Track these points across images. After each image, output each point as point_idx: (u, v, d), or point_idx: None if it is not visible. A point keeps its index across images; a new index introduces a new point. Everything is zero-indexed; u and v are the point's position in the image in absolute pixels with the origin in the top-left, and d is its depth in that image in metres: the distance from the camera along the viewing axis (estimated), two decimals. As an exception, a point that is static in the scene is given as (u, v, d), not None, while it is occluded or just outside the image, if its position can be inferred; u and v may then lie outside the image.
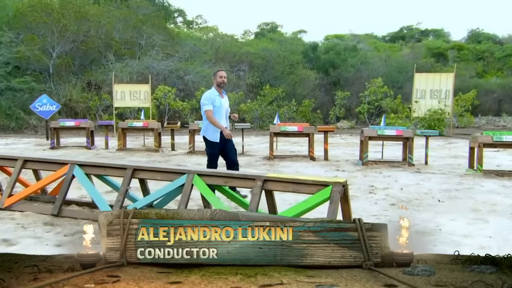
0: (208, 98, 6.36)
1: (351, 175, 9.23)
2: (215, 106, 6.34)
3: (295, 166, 10.40)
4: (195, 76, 28.64)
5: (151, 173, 5.69)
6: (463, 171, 9.73)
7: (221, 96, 6.49)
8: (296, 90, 34.21)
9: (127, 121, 13.57)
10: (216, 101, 6.36)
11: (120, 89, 18.67)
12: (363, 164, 10.54)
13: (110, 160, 10.81)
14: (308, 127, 11.58)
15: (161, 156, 12.03)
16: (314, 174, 9.15)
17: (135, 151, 13.22)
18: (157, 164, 7.22)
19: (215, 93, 6.39)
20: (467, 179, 8.84)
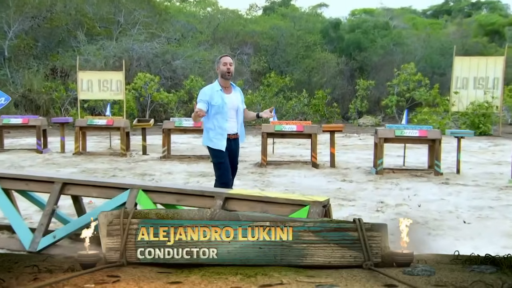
0: (204, 94, 5.97)
1: (359, 187, 9.14)
2: (213, 106, 5.91)
3: (292, 175, 10.37)
4: (185, 61, 28.65)
5: (85, 189, 5.50)
6: (505, 183, 9.50)
7: (226, 91, 6.03)
8: (312, 77, 34.14)
9: (87, 117, 13.46)
10: (216, 99, 5.91)
11: (86, 78, 18.63)
12: (377, 172, 10.42)
13: (54, 167, 10.76)
14: (309, 126, 11.47)
15: (126, 162, 12.01)
16: (312, 186, 9.09)
17: (96, 155, 13.24)
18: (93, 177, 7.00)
19: (216, 87, 5.97)
20: (508, 193, 8.62)
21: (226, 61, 5.99)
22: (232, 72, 5.96)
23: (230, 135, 5.99)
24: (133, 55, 27.92)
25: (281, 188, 8.78)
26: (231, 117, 5.97)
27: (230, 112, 5.96)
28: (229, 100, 5.97)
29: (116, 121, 13.23)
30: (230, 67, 5.96)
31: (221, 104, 5.89)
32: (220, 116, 5.91)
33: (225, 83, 6.01)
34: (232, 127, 5.99)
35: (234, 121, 6.01)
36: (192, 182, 9.30)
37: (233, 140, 6.03)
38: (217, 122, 5.92)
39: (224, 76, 5.96)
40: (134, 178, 9.70)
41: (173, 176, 9.95)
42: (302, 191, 8.38)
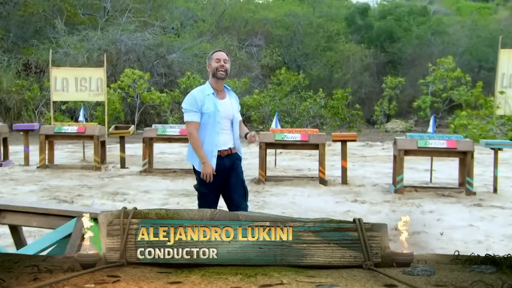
0: (192, 100, 5.59)
1: (372, 209, 9.06)
2: (204, 114, 5.55)
3: (293, 193, 10.31)
4: (183, 55, 28.73)
5: (24, 217, 5.42)
6: (553, 205, 9.36)
7: (220, 95, 5.67)
8: (334, 74, 34.10)
9: (54, 124, 13.46)
10: (207, 105, 5.55)
11: (60, 75, 18.58)
12: (396, 191, 10.34)
13: (11, 185, 10.74)
14: (316, 135, 11.42)
15: (99, 178, 12.01)
16: (314, 208, 9.00)
17: (65, 169, 13.26)
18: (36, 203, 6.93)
19: (207, 90, 5.61)
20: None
21: (220, 57, 5.63)
22: (227, 70, 5.61)
23: (222, 151, 5.60)
24: (121, 47, 28.02)
25: (277, 210, 8.68)
26: (224, 129, 5.61)
27: (224, 122, 5.60)
28: (223, 107, 5.60)
29: (89, 129, 13.20)
30: (224, 64, 5.60)
31: (213, 111, 5.53)
32: (211, 127, 5.55)
33: (218, 85, 5.64)
34: (225, 141, 5.62)
35: (228, 134, 5.65)
36: (171, 203, 9.22)
37: (226, 157, 5.64)
38: (205, 135, 5.56)
39: (216, 74, 5.58)
40: (101, 198, 9.64)
41: (150, 196, 9.89)
42: (301, 215, 8.24)
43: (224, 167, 5.58)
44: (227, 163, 5.61)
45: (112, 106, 24.18)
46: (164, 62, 28.15)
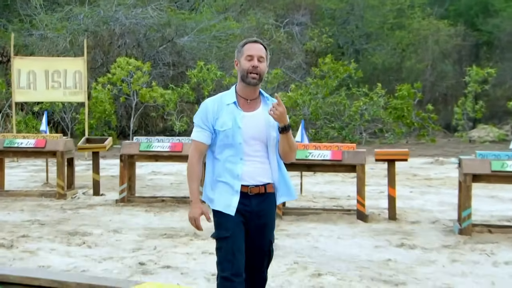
0: (202, 112, 5.34)
1: (423, 258, 8.84)
2: (220, 132, 5.24)
3: (318, 233, 10.16)
4: (197, 38, 28.73)
5: None
6: None
7: (248, 106, 5.29)
8: (406, 61, 33.76)
9: (5, 135, 13.47)
10: (223, 119, 5.24)
11: (26, 67, 18.78)
12: (461, 232, 10.10)
13: None
14: (352, 153, 11.31)
15: (60, 210, 12.01)
16: (342, 256, 8.83)
17: (19, 196, 13.30)
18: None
19: (228, 99, 5.29)
20: None
21: (253, 53, 5.19)
22: (262, 73, 5.19)
23: (250, 188, 5.22)
24: (116, 28, 28.22)
25: (290, 259, 8.53)
26: (251, 155, 5.26)
27: (251, 144, 5.24)
28: (250, 122, 5.24)
29: (51, 142, 13.17)
30: (258, 63, 5.17)
31: (231, 129, 5.20)
32: (230, 152, 5.24)
33: (248, 92, 5.24)
34: (253, 172, 5.24)
35: (260, 163, 5.28)
36: (145, 248, 9.09)
37: (256, 197, 5.24)
38: (223, 162, 5.26)
39: (245, 79, 5.18)
40: (52, 241, 9.56)
41: (120, 238, 9.81)
42: (321, 266, 8.16)
43: (250, 211, 5.21)
44: (255, 207, 5.21)
45: (101, 107, 24.31)
46: (172, 47, 28.33)
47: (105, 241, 9.53)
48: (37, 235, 9.90)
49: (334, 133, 25.46)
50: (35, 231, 10.16)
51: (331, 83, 26.33)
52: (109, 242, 9.50)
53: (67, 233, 10.03)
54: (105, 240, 9.59)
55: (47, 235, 9.91)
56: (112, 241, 9.57)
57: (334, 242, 9.64)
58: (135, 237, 9.81)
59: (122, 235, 9.92)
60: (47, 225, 10.63)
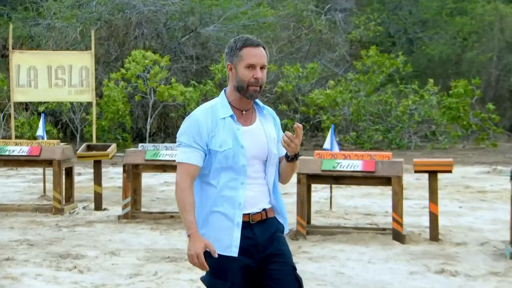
0: (192, 128, 5.00)
1: (468, 286, 8.76)
2: (217, 154, 4.92)
3: (346, 257, 10.04)
4: (224, 27, 28.81)
5: None
6: None
7: (244, 118, 5.05)
8: (467, 52, 33.39)
9: (3, 141, 13.57)
10: (222, 137, 4.95)
11: (25, 63, 18.79)
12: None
13: None
14: (387, 163, 11.17)
15: (54, 228, 11.99)
16: (371, 285, 8.74)
17: (10, 211, 13.33)
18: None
19: (222, 111, 4.99)
20: None
21: (255, 61, 4.90)
22: (263, 84, 4.98)
23: (252, 216, 4.99)
24: (132, 17, 28.24)
25: (310, 286, 8.42)
26: (253, 177, 5.01)
27: (252, 165, 5.01)
28: (252, 138, 5.00)
29: (47, 150, 13.18)
30: (261, 74, 4.93)
31: (232, 149, 4.92)
32: (229, 176, 4.95)
33: (244, 103, 5.00)
34: (255, 198, 5.00)
35: (259, 185, 5.04)
36: (144, 274, 9.06)
37: (258, 225, 5.02)
38: (220, 189, 4.93)
39: (245, 92, 4.92)
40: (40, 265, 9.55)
41: (117, 261, 9.76)
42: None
43: (255, 244, 4.95)
44: (260, 237, 4.96)
45: (113, 107, 24.35)
46: (196, 38, 28.32)
47: (100, 265, 9.48)
48: (24, 257, 9.88)
49: (378, 136, 25.25)
50: (22, 253, 10.14)
51: (375, 79, 26.16)
52: (103, 266, 9.46)
53: (57, 255, 9.99)
54: (99, 264, 9.54)
55: (34, 257, 9.89)
56: (107, 265, 9.52)
57: (363, 267, 9.51)
58: (134, 260, 9.76)
59: (119, 258, 9.87)
60: (37, 245, 10.60)
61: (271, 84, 26.38)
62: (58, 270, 9.26)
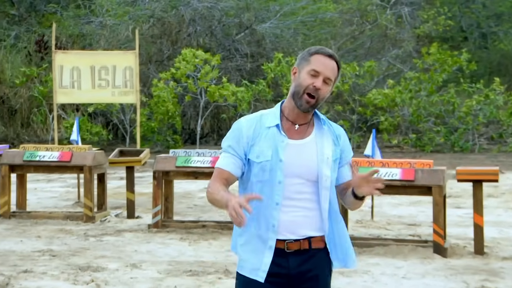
0: (234, 133, 4.85)
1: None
2: (254, 164, 4.74)
3: (380, 271, 9.94)
4: (281, 24, 28.73)
5: None
6: None
7: (295, 132, 4.79)
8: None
9: (26, 147, 13.61)
10: (261, 147, 4.75)
11: (69, 63, 18.94)
12: None
13: None
14: (428, 172, 11.00)
15: (82, 237, 12.07)
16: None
17: (41, 218, 13.44)
18: None
19: (270, 120, 4.82)
20: None
21: (321, 69, 4.69)
22: (321, 98, 4.71)
23: (288, 244, 4.69)
24: (185, 14, 28.32)
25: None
26: (293, 198, 4.69)
27: (293, 183, 4.70)
28: (296, 154, 4.73)
29: (78, 155, 13.27)
30: (323, 85, 4.69)
31: (270, 162, 4.69)
32: (265, 192, 4.69)
33: (297, 115, 4.76)
34: (292, 222, 4.68)
35: (301, 208, 4.70)
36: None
37: (295, 255, 4.69)
38: (257, 206, 4.65)
39: (298, 99, 4.70)
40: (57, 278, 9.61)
41: (137, 275, 9.76)
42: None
43: (287, 274, 4.68)
44: (295, 268, 4.66)
45: (163, 108, 24.44)
46: (251, 35, 28.28)
47: (118, 279, 9.50)
48: (42, 269, 9.93)
49: (440, 138, 24.93)
50: (42, 264, 10.20)
51: (436, 78, 25.81)
52: (122, 280, 9.47)
53: (77, 267, 10.02)
54: (118, 278, 9.56)
55: (53, 269, 9.93)
56: (126, 278, 9.53)
57: (396, 283, 9.41)
58: (154, 273, 9.76)
59: (140, 271, 9.88)
60: (59, 256, 10.67)
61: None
62: (74, 283, 9.29)
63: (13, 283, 9.28)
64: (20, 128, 27.64)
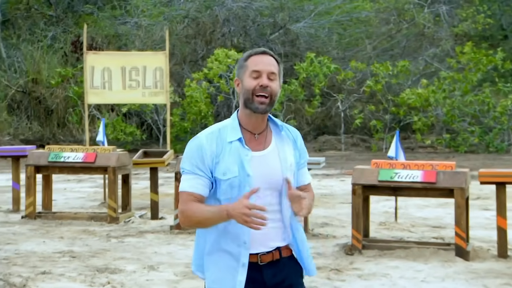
0: (194, 153, 4.68)
1: None
2: (221, 182, 4.61)
3: (399, 274, 9.88)
4: (315, 23, 28.65)
5: None
6: None
7: (256, 142, 4.70)
8: None
9: (51, 147, 13.68)
10: (226, 163, 4.64)
11: (100, 64, 19.00)
12: None
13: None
14: (450, 174, 10.83)
15: (104, 238, 12.09)
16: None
17: (65, 219, 13.51)
18: None
19: (230, 134, 4.68)
20: None
21: (260, 67, 4.59)
22: (273, 94, 4.59)
23: (261, 256, 4.65)
24: (220, 14, 28.32)
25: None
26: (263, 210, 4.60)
27: (261, 196, 4.61)
28: (262, 167, 4.65)
29: (102, 156, 13.28)
30: (269, 82, 4.58)
31: (238, 178, 4.60)
32: None
33: (255, 123, 4.65)
34: (263, 235, 4.61)
35: (273, 220, 4.64)
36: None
37: (268, 267, 4.67)
38: (226, 224, 4.60)
39: (251, 105, 4.59)
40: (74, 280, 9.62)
41: (153, 277, 9.75)
42: None
43: None
44: (270, 280, 4.63)
45: (195, 108, 24.46)
46: (285, 35, 28.23)
47: (134, 281, 9.49)
48: (61, 271, 9.93)
49: (474, 139, 24.69)
50: (61, 266, 10.21)
51: (471, 78, 25.59)
52: (138, 282, 9.46)
53: (95, 269, 10.02)
54: (134, 280, 9.55)
55: (71, 271, 9.93)
56: (141, 281, 9.52)
57: (415, 286, 9.36)
58: (171, 276, 9.74)
59: (157, 273, 9.86)
60: (79, 258, 10.67)
61: (359, 84, 26.29)
62: (91, 285, 9.29)
63: (30, 285, 9.30)
64: (56, 128, 27.87)
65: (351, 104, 26.53)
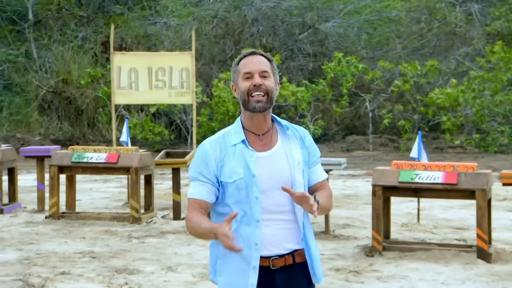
0: (199, 160, 4.70)
1: None
2: (227, 186, 4.59)
3: (419, 276, 9.84)
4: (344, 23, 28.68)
5: None
6: None
7: (260, 143, 4.69)
8: None
9: (74, 148, 13.74)
10: (231, 166, 4.63)
11: (127, 65, 19.04)
12: None
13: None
14: (471, 175, 10.76)
15: (125, 238, 12.16)
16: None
17: (88, 219, 13.57)
18: None
19: (234, 138, 4.69)
20: None
21: (251, 68, 4.60)
22: (269, 91, 4.59)
23: (273, 260, 4.59)
24: (248, 14, 28.33)
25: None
26: (272, 211, 4.60)
27: (271, 196, 4.60)
28: (268, 167, 4.63)
29: (125, 157, 13.33)
30: (262, 80, 4.59)
31: (244, 179, 4.58)
32: (244, 210, 4.59)
33: (257, 123, 4.63)
34: (276, 236, 4.60)
35: (281, 221, 4.62)
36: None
37: (280, 271, 4.61)
38: (237, 226, 4.57)
39: (248, 105, 4.60)
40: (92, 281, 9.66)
41: (171, 278, 9.76)
42: None
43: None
44: (280, 285, 4.61)
45: (223, 108, 24.47)
46: (314, 35, 28.20)
47: (152, 282, 9.52)
48: (80, 271, 9.99)
49: (504, 139, 24.48)
50: (81, 266, 10.27)
51: (500, 77, 25.39)
52: (155, 283, 9.48)
53: (114, 270, 10.08)
54: (152, 281, 9.57)
55: (90, 272, 9.98)
56: (159, 282, 9.54)
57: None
58: (188, 277, 9.75)
59: (175, 274, 9.89)
60: (99, 258, 10.73)
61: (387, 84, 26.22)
62: (109, 286, 9.34)
63: (49, 285, 9.35)
64: (86, 128, 28.04)
65: (380, 104, 26.35)
